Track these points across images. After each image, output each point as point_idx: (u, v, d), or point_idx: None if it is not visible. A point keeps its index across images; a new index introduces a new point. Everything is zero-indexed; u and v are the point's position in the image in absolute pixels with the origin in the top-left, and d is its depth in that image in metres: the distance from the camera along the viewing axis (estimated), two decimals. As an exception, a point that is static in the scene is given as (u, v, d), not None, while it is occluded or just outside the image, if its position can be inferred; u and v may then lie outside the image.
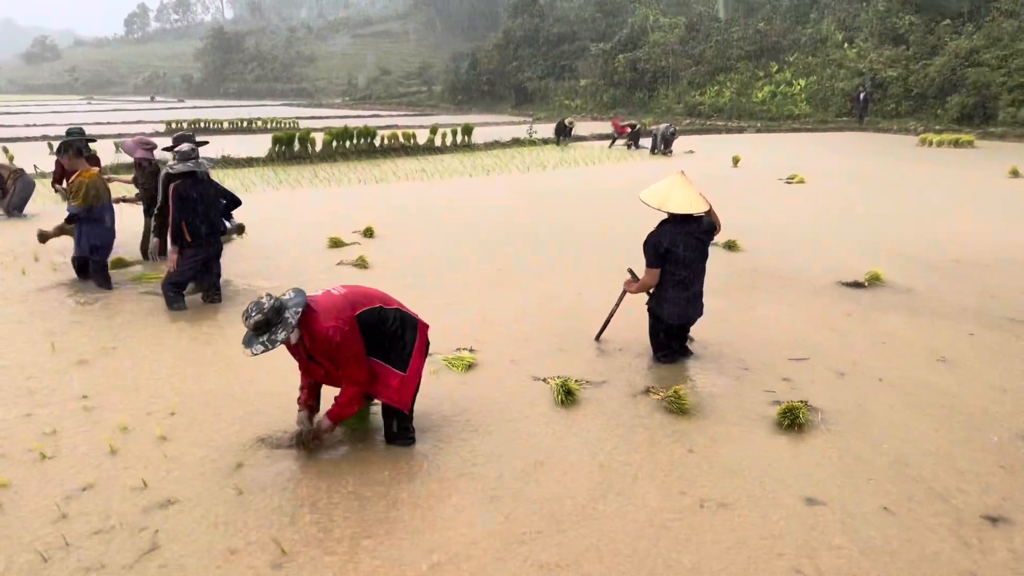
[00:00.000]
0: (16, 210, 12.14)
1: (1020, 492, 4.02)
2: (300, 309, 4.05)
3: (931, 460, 4.37)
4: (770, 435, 4.71)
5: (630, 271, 6.11)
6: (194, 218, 7.06)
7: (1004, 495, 4.00)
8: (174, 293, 7.18)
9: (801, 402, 4.97)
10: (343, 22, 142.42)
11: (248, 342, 4.06)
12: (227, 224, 8.00)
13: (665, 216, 5.74)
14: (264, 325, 3.99)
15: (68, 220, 8.06)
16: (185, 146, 7.19)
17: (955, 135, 26.94)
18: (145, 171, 8.82)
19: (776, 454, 4.45)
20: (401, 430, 4.49)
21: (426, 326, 4.56)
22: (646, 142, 25.57)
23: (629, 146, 25.83)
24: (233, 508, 3.85)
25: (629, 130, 26.23)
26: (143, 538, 3.59)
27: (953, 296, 7.79)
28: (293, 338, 4.09)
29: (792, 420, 4.79)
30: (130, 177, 9.57)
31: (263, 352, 4.02)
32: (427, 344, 4.57)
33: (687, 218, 5.71)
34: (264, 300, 4.04)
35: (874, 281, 8.22)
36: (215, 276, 7.48)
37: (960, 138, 26.27)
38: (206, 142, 8.30)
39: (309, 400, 4.46)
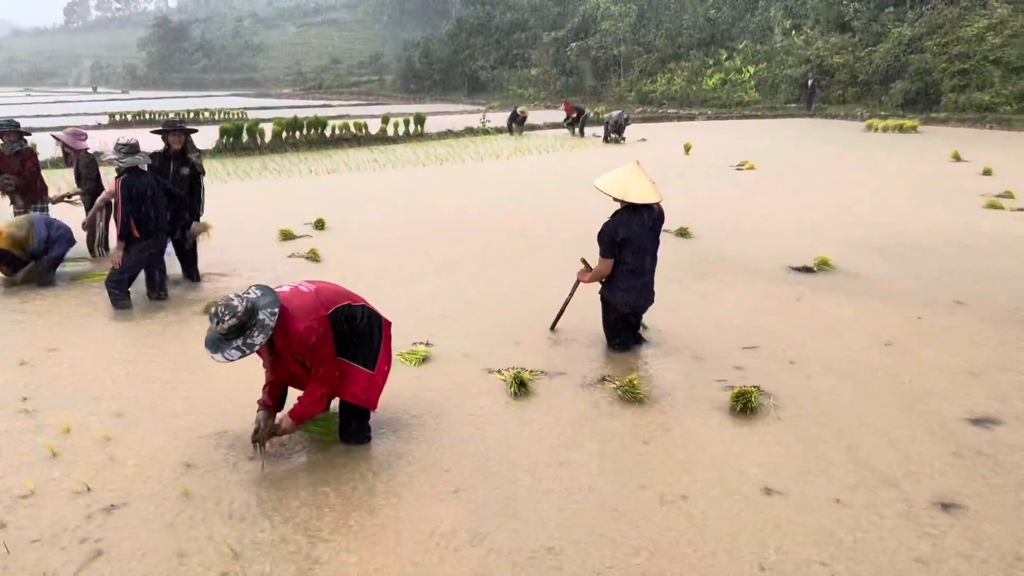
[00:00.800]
0: None
1: (969, 477, 4.06)
2: (276, 310, 3.86)
3: (881, 445, 4.40)
4: (724, 422, 4.73)
5: (583, 261, 6.11)
6: (142, 213, 6.89)
7: (954, 480, 4.03)
8: (119, 291, 6.98)
9: (753, 387, 5.03)
10: (291, 10, 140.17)
11: (216, 346, 3.85)
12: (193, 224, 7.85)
13: (619, 206, 5.74)
14: (239, 329, 3.80)
15: None
16: (129, 139, 7.00)
17: (900, 121, 27.54)
18: (80, 163, 8.70)
19: (732, 442, 4.46)
20: (359, 428, 4.42)
21: (389, 323, 4.50)
22: (598, 131, 25.64)
23: (572, 131, 25.93)
24: (182, 510, 3.76)
25: (577, 114, 26.26)
26: (87, 544, 3.49)
27: (900, 279, 7.95)
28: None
29: (744, 404, 4.84)
30: (76, 192, 9.18)
31: (240, 358, 3.83)
32: (391, 342, 4.51)
33: (641, 207, 5.72)
34: (235, 302, 3.82)
35: (823, 266, 8.35)
36: (162, 273, 7.30)
37: (904, 124, 26.85)
38: (195, 130, 8.09)
39: (269, 401, 4.28)
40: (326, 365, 4.05)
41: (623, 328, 5.98)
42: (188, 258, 7.95)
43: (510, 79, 57.35)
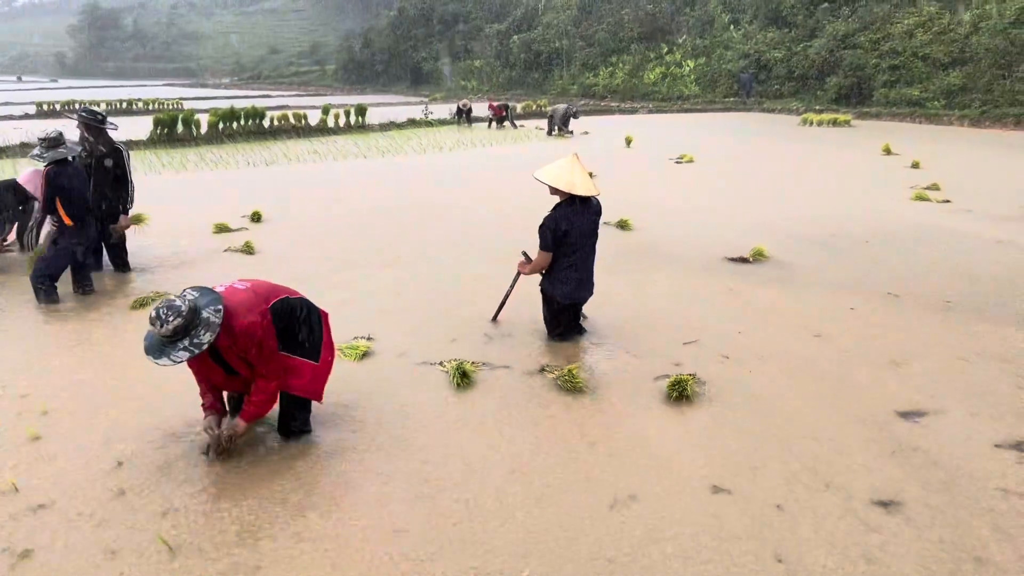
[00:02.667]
0: None
1: (904, 473, 4.07)
2: (220, 307, 3.77)
3: (816, 442, 4.39)
4: (662, 412, 4.77)
5: (524, 253, 6.15)
6: (71, 203, 6.71)
7: (890, 477, 4.03)
8: (46, 286, 6.78)
9: (689, 375, 5.13)
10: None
11: (159, 351, 3.70)
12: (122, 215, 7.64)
13: (558, 199, 5.78)
14: (184, 329, 3.66)
15: None
16: (52, 131, 6.79)
17: (834, 115, 28.30)
18: None
19: (672, 437, 4.43)
20: (302, 421, 4.37)
21: (327, 314, 4.48)
22: (541, 124, 25.74)
23: (502, 126, 26.14)
24: (114, 508, 3.67)
25: (504, 112, 26.41)
26: (15, 545, 3.39)
27: (833, 270, 8.15)
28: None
29: (680, 392, 4.93)
30: None
31: (188, 359, 3.71)
32: (331, 333, 4.48)
33: (582, 200, 5.77)
34: (177, 302, 3.70)
35: (758, 256, 8.54)
36: (88, 268, 7.12)
37: (838, 118, 27.59)
38: (115, 126, 7.79)
39: (216, 403, 4.15)
40: (273, 360, 4.00)
41: (563, 319, 6.03)
42: (116, 250, 7.75)
43: (454, 71, 57.17)
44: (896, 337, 6.15)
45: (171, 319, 3.63)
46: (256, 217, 10.44)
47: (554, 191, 5.75)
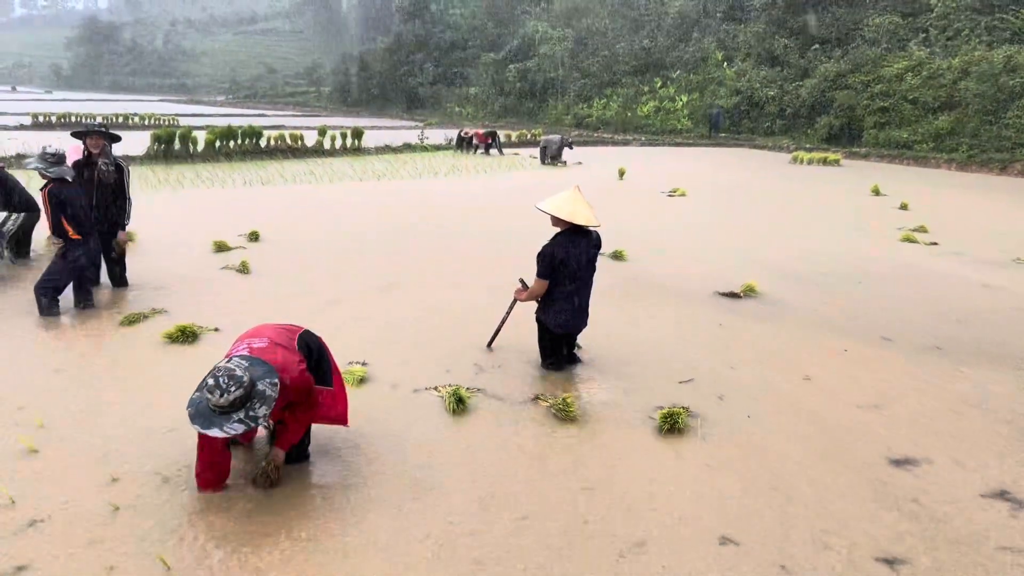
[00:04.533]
0: None
1: (904, 527, 4.01)
2: (276, 380, 3.72)
3: (812, 489, 4.34)
4: (660, 452, 4.74)
5: (521, 280, 6.23)
6: (75, 217, 6.78)
7: (890, 531, 3.97)
8: (48, 299, 6.81)
9: (682, 408, 5.21)
10: (227, 17, 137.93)
11: (209, 421, 3.57)
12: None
13: (558, 228, 5.88)
14: (241, 401, 3.58)
15: None
16: (56, 148, 6.87)
17: (824, 153, 28.66)
18: None
19: (673, 479, 4.39)
20: (300, 448, 4.40)
21: (321, 339, 4.55)
22: (534, 152, 25.95)
23: (488, 152, 26.42)
24: (109, 524, 3.70)
25: (490, 140, 26.69)
26: (10, 559, 3.41)
27: (824, 309, 8.23)
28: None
29: (672, 425, 5.01)
30: None
31: (244, 432, 3.67)
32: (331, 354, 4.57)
33: (582, 231, 5.87)
34: (238, 372, 3.60)
35: (749, 292, 8.65)
36: (90, 283, 7.16)
37: (828, 157, 27.95)
38: (117, 137, 7.87)
39: (220, 485, 4.03)
40: (312, 398, 4.11)
41: (556, 348, 6.10)
42: (115, 265, 7.80)
43: (448, 97, 57.59)
44: (885, 381, 6.15)
45: (232, 390, 3.55)
46: (254, 236, 10.49)
47: (556, 221, 5.84)
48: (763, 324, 7.60)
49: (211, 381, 3.58)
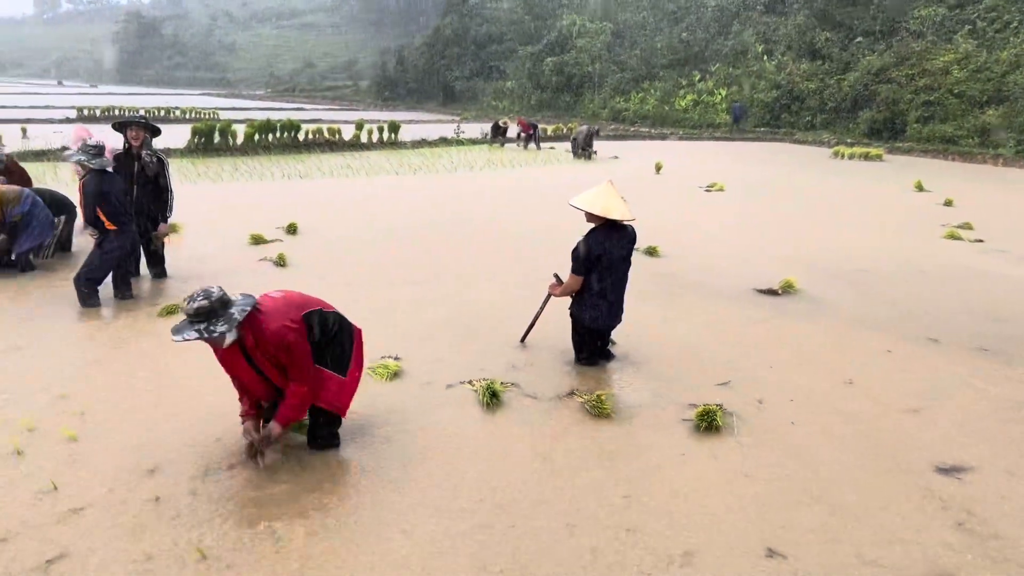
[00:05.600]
0: None
1: (959, 542, 3.80)
2: (248, 309, 3.90)
3: (858, 498, 4.17)
4: (697, 454, 4.65)
5: (556, 275, 6.19)
6: (111, 208, 6.86)
7: (943, 546, 3.76)
8: (88, 289, 6.93)
9: (717, 405, 5.14)
10: (266, 12, 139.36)
11: (179, 328, 3.82)
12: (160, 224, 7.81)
13: (592, 224, 5.83)
14: (206, 313, 3.76)
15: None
16: (96, 141, 6.98)
17: (865, 148, 28.13)
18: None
19: (714, 485, 4.25)
20: (329, 434, 4.45)
21: (360, 331, 4.54)
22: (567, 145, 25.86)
23: (526, 145, 26.35)
24: (148, 512, 3.74)
25: (531, 130, 26.61)
26: (50, 545, 3.46)
27: (864, 308, 8.06)
28: (229, 339, 3.86)
29: (709, 423, 4.94)
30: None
31: (195, 339, 3.77)
32: (362, 349, 4.54)
33: (617, 226, 5.82)
34: (214, 288, 3.85)
35: (788, 289, 8.52)
36: (129, 274, 7.27)
37: (870, 152, 27.44)
38: (158, 129, 7.96)
39: (251, 410, 4.25)
40: (304, 366, 4.07)
41: (590, 344, 6.06)
42: (154, 258, 7.91)
43: (485, 91, 57.59)
44: (930, 383, 5.95)
45: (198, 299, 3.78)
46: (292, 229, 10.58)
47: (590, 217, 5.79)
48: (803, 322, 7.46)
49: (191, 293, 3.87)
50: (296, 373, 4.07)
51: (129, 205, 7.27)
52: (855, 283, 9.12)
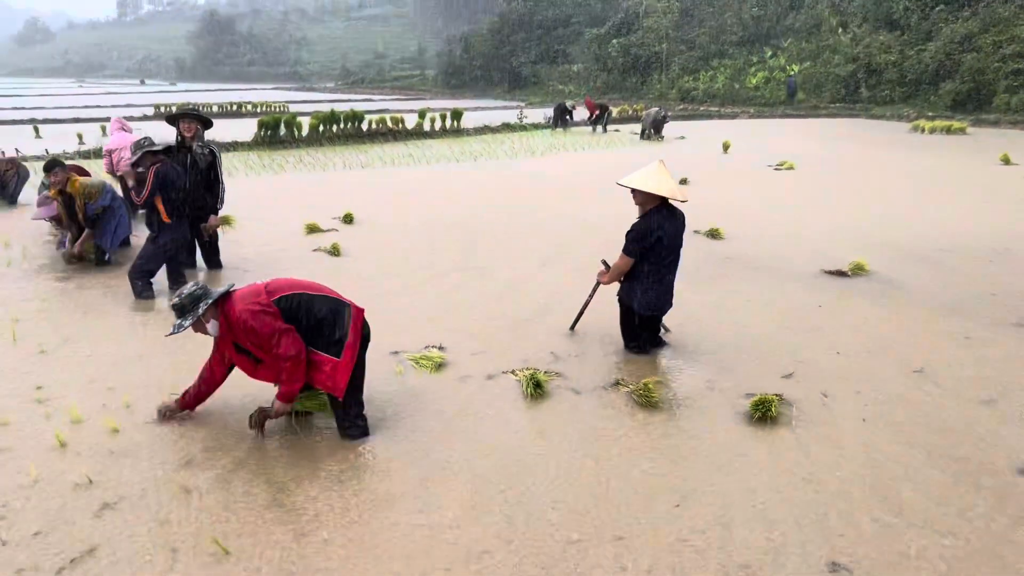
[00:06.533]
0: (12, 199, 11.90)
1: None
2: (210, 301, 4.20)
3: (934, 506, 3.76)
4: (755, 449, 4.35)
5: (603, 262, 5.99)
6: (170, 199, 6.93)
7: None
8: (143, 282, 7.02)
9: (775, 395, 4.86)
10: (338, 5, 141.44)
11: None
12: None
13: (645, 205, 5.59)
14: (179, 309, 4.23)
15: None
16: (142, 138, 7.07)
17: (948, 122, 26.81)
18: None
19: (771, 485, 3.93)
20: (348, 421, 4.38)
21: (361, 310, 4.44)
22: (634, 128, 25.39)
23: (595, 128, 25.92)
24: (179, 506, 3.71)
25: (600, 112, 26.14)
26: (82, 538, 3.46)
27: (941, 290, 7.58)
28: (211, 330, 4.26)
29: (764, 413, 4.67)
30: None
31: (171, 335, 4.32)
32: (365, 329, 4.45)
33: (670, 208, 5.59)
34: (188, 287, 4.28)
35: (858, 271, 8.09)
36: (183, 266, 7.36)
37: (952, 125, 26.14)
38: (209, 121, 8.02)
39: (191, 402, 4.63)
40: (279, 341, 4.11)
41: (641, 331, 5.83)
42: (209, 249, 7.99)
43: (551, 75, 57.16)
44: (1012, 373, 5.47)
45: (173, 299, 4.29)
46: (348, 219, 10.60)
47: (640, 198, 5.55)
48: (873, 306, 7.05)
49: None
50: (275, 351, 4.14)
51: (185, 198, 7.34)
52: (933, 263, 8.62)
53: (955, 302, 7.18)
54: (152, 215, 7.00)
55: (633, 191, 5.59)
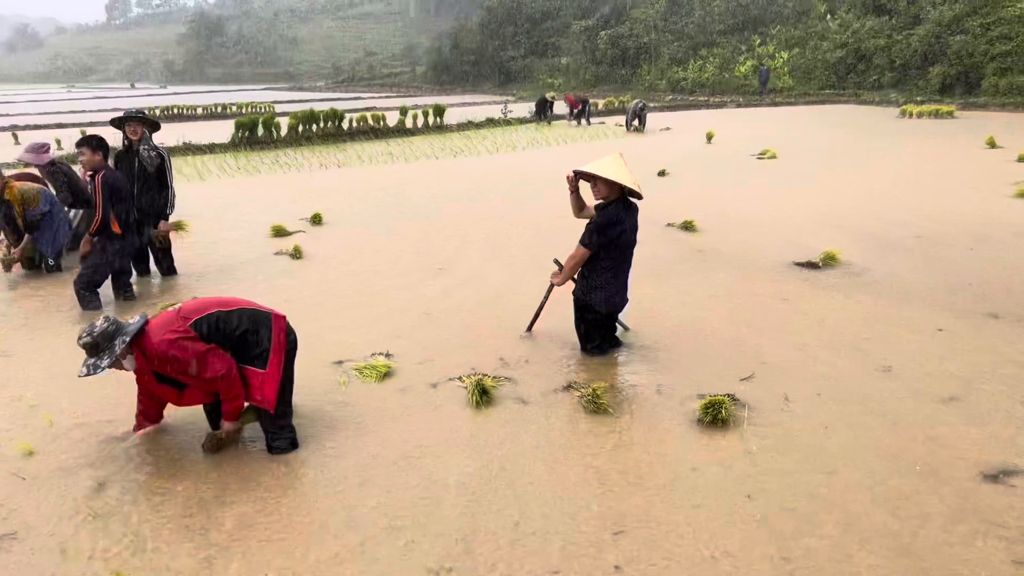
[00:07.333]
0: None
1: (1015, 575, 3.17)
2: (128, 338, 3.92)
3: (900, 522, 3.48)
4: (707, 458, 4.11)
5: (556, 261, 5.77)
6: (121, 209, 6.71)
7: None
8: (89, 293, 6.79)
9: (725, 395, 4.65)
10: (326, 4, 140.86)
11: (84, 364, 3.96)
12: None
13: (602, 199, 5.38)
14: (91, 348, 3.91)
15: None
16: (88, 137, 6.82)
17: (935, 106, 26.60)
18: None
19: (722, 511, 3.58)
20: (276, 432, 4.18)
21: (282, 317, 4.23)
22: (620, 120, 25.16)
23: (578, 122, 25.68)
24: (83, 534, 3.48)
25: (581, 106, 25.90)
26: (-26, 573, 3.25)
27: (914, 279, 7.36)
28: (128, 365, 4.02)
29: (714, 416, 4.45)
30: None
31: (85, 376, 3.93)
32: (290, 336, 4.24)
33: (629, 201, 5.40)
34: (99, 323, 3.96)
35: (829, 261, 7.87)
36: (128, 274, 7.13)
37: (940, 109, 25.93)
38: (156, 123, 7.77)
39: (145, 421, 4.42)
40: (205, 363, 3.93)
41: (600, 330, 5.61)
42: (162, 255, 7.76)
43: (540, 69, 56.83)
44: (982, 368, 5.22)
45: (83, 337, 3.92)
46: (317, 219, 10.37)
47: (604, 191, 5.32)
48: (842, 299, 6.82)
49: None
50: (205, 374, 3.95)
51: (132, 205, 7.11)
52: (909, 252, 8.40)
53: (929, 293, 6.96)
54: (107, 225, 6.75)
55: (595, 183, 5.37)
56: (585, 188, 5.53)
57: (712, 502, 3.69)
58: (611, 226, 5.29)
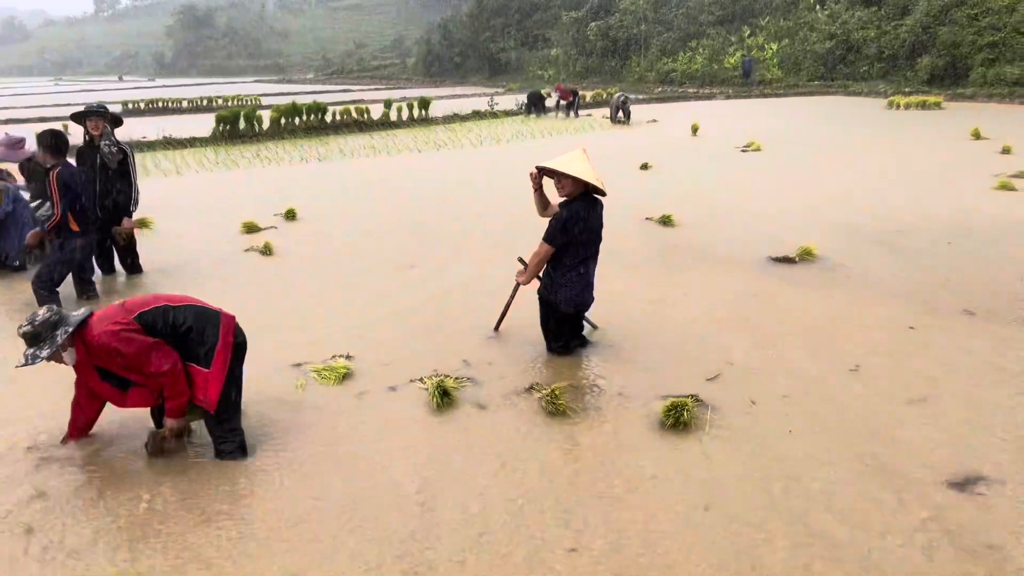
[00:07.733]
0: None
1: None
2: (70, 329, 3.78)
3: (865, 534, 3.35)
4: (666, 475, 3.91)
5: (520, 260, 5.65)
6: (80, 207, 6.55)
7: None
8: (47, 292, 6.62)
9: (688, 396, 4.54)
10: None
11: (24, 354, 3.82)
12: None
13: (566, 195, 5.26)
14: (31, 338, 3.76)
15: None
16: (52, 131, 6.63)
17: (923, 97, 26.55)
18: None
19: (681, 521, 3.47)
20: (222, 436, 4.05)
21: (231, 317, 4.12)
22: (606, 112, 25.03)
23: (567, 114, 25.51)
24: (16, 550, 3.36)
25: (570, 97, 25.73)
26: None
27: (891, 275, 7.26)
28: (68, 359, 3.85)
29: (677, 419, 4.35)
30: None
31: (23, 366, 3.79)
32: (239, 336, 4.12)
33: (593, 198, 5.28)
34: (41, 312, 3.82)
35: (805, 256, 7.77)
36: (89, 272, 6.98)
37: (927, 100, 25.89)
38: (119, 118, 7.61)
39: (79, 433, 4.26)
40: (149, 357, 3.82)
41: (565, 329, 5.50)
42: (125, 253, 7.61)
43: (530, 61, 56.61)
44: (953, 368, 5.09)
45: (24, 326, 3.78)
46: (291, 215, 10.22)
47: (569, 188, 5.20)
48: (816, 296, 6.71)
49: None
50: (148, 369, 3.84)
51: (94, 201, 6.97)
52: (887, 247, 8.31)
53: (903, 289, 6.86)
54: (63, 223, 6.59)
55: (559, 180, 5.26)
56: (549, 184, 5.40)
57: (669, 514, 3.56)
58: (568, 222, 5.18)
